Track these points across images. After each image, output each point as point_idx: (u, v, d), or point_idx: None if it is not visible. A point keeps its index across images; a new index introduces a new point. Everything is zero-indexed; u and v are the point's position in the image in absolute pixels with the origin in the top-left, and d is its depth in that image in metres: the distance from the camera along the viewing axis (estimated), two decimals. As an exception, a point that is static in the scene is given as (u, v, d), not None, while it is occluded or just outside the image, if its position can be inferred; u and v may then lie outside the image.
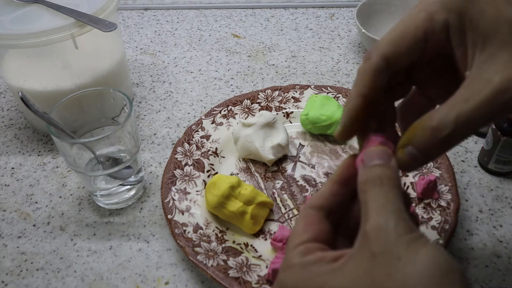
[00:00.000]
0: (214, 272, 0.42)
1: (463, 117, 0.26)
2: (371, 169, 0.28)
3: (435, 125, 0.26)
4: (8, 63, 0.58)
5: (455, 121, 0.26)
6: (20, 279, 0.46)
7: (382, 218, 0.25)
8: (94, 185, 0.51)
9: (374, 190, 0.27)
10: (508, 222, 0.49)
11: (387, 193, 0.27)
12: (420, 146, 0.27)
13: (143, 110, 0.65)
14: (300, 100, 0.61)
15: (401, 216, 0.26)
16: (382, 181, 0.27)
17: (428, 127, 0.27)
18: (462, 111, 0.26)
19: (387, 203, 0.26)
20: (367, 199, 0.27)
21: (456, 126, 0.26)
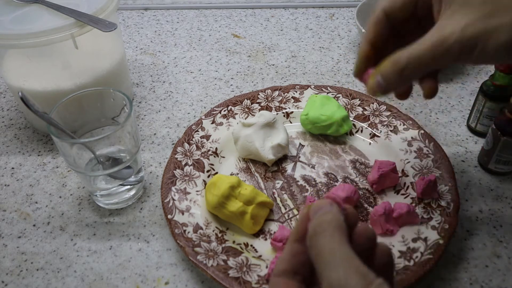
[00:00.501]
0: (214, 272, 0.42)
1: (413, 55, 0.34)
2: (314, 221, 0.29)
3: (394, 59, 0.35)
4: (8, 63, 0.58)
5: (407, 57, 0.35)
6: (20, 279, 0.46)
7: (334, 274, 0.26)
8: (94, 185, 0.51)
9: (320, 242, 0.27)
10: (508, 222, 0.49)
11: (331, 242, 0.27)
12: (383, 74, 0.36)
13: (143, 110, 0.65)
14: (300, 100, 0.61)
15: (352, 265, 0.26)
16: (325, 229, 0.28)
17: (391, 60, 0.36)
18: (414, 50, 0.34)
19: (334, 255, 0.27)
20: (316, 254, 0.27)
21: (407, 61, 0.35)
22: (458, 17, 0.33)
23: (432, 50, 0.34)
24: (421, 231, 0.45)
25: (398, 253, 0.44)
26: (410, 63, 0.35)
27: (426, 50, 0.34)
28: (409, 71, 0.35)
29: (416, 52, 0.34)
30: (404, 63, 0.35)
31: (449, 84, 0.68)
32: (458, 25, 0.33)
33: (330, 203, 0.30)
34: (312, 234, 0.28)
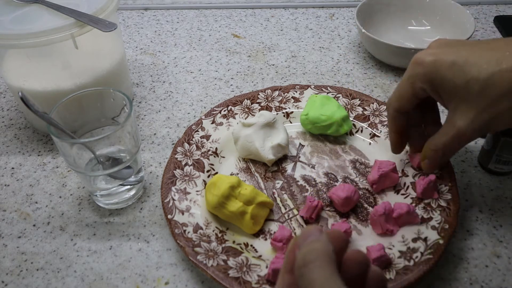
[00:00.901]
0: (214, 272, 0.42)
1: (446, 144, 0.44)
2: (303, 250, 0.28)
3: (434, 148, 0.45)
4: (8, 63, 0.58)
5: (443, 147, 0.44)
6: (20, 279, 0.46)
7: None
8: (94, 185, 0.51)
9: (309, 273, 0.27)
10: (508, 222, 0.49)
11: (321, 274, 0.26)
12: (430, 159, 0.46)
13: (143, 110, 0.65)
14: (300, 100, 0.61)
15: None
16: (315, 258, 0.27)
17: (431, 149, 0.46)
18: (445, 141, 0.44)
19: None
20: (305, 285, 0.27)
21: (444, 149, 0.44)
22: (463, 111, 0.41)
23: (457, 140, 0.43)
24: (421, 231, 0.45)
25: (398, 253, 0.44)
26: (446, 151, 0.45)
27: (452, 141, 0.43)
28: (447, 154, 0.45)
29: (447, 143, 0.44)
30: (441, 152, 0.45)
31: (449, 84, 0.68)
32: (466, 119, 0.41)
33: (319, 230, 0.29)
34: (301, 264, 0.27)
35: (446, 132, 0.43)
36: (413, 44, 0.74)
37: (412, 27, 0.77)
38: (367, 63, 0.72)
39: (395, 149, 0.50)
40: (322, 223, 0.48)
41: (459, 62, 0.41)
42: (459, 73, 0.40)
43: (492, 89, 0.39)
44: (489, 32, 0.79)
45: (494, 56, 0.40)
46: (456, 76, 0.41)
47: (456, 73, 0.41)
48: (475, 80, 0.40)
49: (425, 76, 0.43)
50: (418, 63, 0.43)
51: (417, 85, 0.44)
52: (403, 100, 0.46)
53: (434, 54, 0.42)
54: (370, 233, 0.47)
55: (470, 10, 0.84)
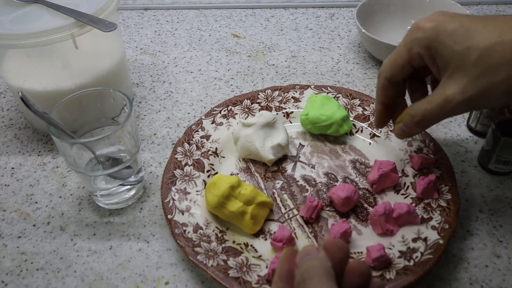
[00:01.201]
0: (214, 272, 0.42)
1: (426, 111, 0.42)
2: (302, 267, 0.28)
3: (412, 113, 0.44)
4: (8, 63, 0.58)
5: (422, 113, 0.42)
6: (20, 279, 0.46)
7: None
8: (94, 185, 0.51)
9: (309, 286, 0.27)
10: (508, 222, 0.49)
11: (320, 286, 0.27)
12: (405, 124, 0.45)
13: (143, 110, 0.65)
14: (300, 100, 0.61)
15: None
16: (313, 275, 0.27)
17: (409, 114, 0.44)
18: (426, 108, 0.42)
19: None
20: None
21: (422, 116, 0.42)
22: (455, 79, 0.39)
23: (439, 109, 0.41)
24: (421, 231, 0.45)
25: (398, 253, 0.44)
26: (423, 118, 0.43)
27: (435, 109, 0.41)
28: (423, 123, 0.44)
29: (427, 111, 0.42)
30: (418, 118, 0.43)
31: (449, 84, 0.68)
32: (457, 87, 0.39)
33: (316, 248, 0.29)
34: (300, 281, 0.28)
35: (431, 100, 0.42)
36: (413, 44, 0.74)
37: (412, 27, 0.77)
38: (367, 63, 0.72)
39: (380, 122, 0.49)
40: (322, 223, 0.48)
41: (460, 30, 0.39)
42: (459, 39, 0.39)
43: (491, 57, 0.38)
44: (489, 32, 0.79)
45: (497, 27, 0.38)
46: (456, 42, 0.39)
47: (457, 40, 0.39)
48: (475, 47, 0.38)
49: (424, 40, 0.41)
50: (417, 28, 0.42)
51: (415, 50, 0.42)
52: (397, 67, 0.44)
53: (435, 21, 0.41)
54: (370, 233, 0.47)
55: (470, 10, 0.84)
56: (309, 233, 0.47)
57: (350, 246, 0.46)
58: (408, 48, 0.43)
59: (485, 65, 0.38)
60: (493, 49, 0.38)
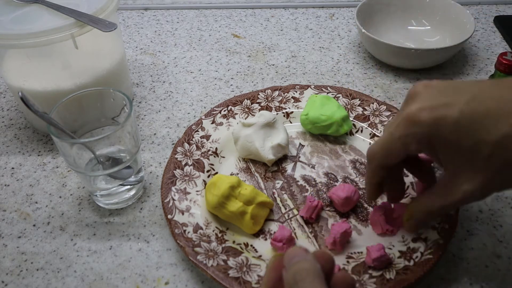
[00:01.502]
0: (214, 272, 0.42)
1: (443, 208, 0.40)
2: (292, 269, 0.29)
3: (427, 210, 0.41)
4: (8, 63, 0.58)
5: (438, 209, 0.40)
6: (20, 279, 0.46)
7: None
8: (94, 185, 0.51)
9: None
10: (508, 222, 0.49)
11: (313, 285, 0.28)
12: (419, 219, 0.43)
13: (143, 110, 0.65)
14: (300, 100, 0.61)
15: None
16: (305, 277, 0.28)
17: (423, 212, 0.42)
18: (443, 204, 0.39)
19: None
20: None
21: (439, 212, 0.41)
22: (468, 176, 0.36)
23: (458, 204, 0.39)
24: (421, 231, 0.45)
25: (398, 253, 0.44)
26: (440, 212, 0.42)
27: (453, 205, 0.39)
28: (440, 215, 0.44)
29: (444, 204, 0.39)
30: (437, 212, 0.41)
31: (449, 84, 0.68)
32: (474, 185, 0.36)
33: (304, 250, 0.30)
34: (292, 283, 0.28)
35: (445, 195, 0.38)
36: (413, 44, 0.74)
37: (412, 27, 0.77)
38: (367, 63, 0.72)
39: (372, 197, 0.46)
40: (322, 223, 0.48)
41: (463, 121, 0.35)
42: (464, 134, 0.35)
43: (504, 152, 0.34)
44: (489, 32, 0.79)
45: (502, 109, 0.34)
46: (461, 137, 0.35)
47: (461, 135, 0.35)
48: (484, 143, 0.34)
49: (423, 137, 0.37)
50: (413, 121, 0.37)
51: (412, 146, 0.38)
52: (391, 157, 0.41)
53: (431, 110, 0.36)
54: (370, 233, 0.47)
55: (470, 10, 0.84)
56: (309, 233, 0.47)
57: (350, 246, 0.46)
58: (404, 142, 0.39)
59: (499, 160, 0.34)
60: (504, 143, 0.34)
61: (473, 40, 0.77)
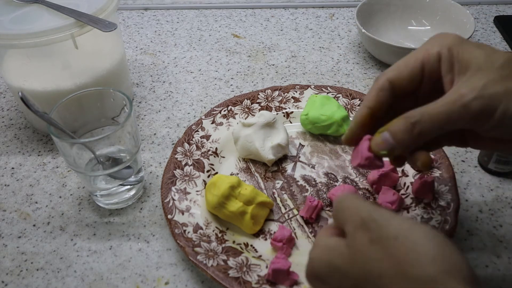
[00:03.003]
0: (214, 272, 0.42)
1: (428, 112, 0.33)
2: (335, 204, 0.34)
3: (406, 115, 0.33)
4: (8, 63, 0.58)
5: (421, 114, 0.33)
6: (20, 279, 0.46)
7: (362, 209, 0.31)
8: (94, 185, 0.51)
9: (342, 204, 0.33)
10: (508, 222, 0.49)
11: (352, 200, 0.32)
12: (392, 131, 0.34)
13: (143, 110, 0.65)
14: (300, 100, 0.61)
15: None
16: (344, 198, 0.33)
17: (402, 116, 0.34)
18: (428, 108, 0.33)
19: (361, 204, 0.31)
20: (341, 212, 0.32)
21: (421, 118, 0.33)
22: (476, 79, 0.33)
23: (448, 108, 0.32)
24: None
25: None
26: (423, 120, 0.33)
27: (442, 107, 0.33)
28: (421, 129, 0.33)
29: (430, 110, 0.33)
30: (416, 119, 0.33)
31: (449, 84, 0.68)
32: (477, 84, 0.32)
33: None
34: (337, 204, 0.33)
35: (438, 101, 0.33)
36: (413, 44, 0.74)
37: (412, 27, 0.77)
38: (367, 63, 0.72)
39: (354, 133, 0.38)
40: (322, 223, 0.48)
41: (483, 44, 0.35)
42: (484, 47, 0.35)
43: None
44: (489, 32, 0.79)
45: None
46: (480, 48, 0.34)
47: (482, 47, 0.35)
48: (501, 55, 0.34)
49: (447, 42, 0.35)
50: (440, 34, 0.37)
51: (434, 49, 0.35)
52: (406, 68, 0.36)
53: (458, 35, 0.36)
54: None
55: (470, 10, 0.84)
56: (309, 233, 0.47)
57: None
58: (426, 47, 0.36)
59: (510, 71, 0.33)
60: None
61: (473, 40, 0.77)
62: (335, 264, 0.30)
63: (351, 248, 0.30)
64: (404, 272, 0.27)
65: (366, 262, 0.28)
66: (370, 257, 0.28)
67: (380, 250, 0.28)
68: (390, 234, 0.28)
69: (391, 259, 0.27)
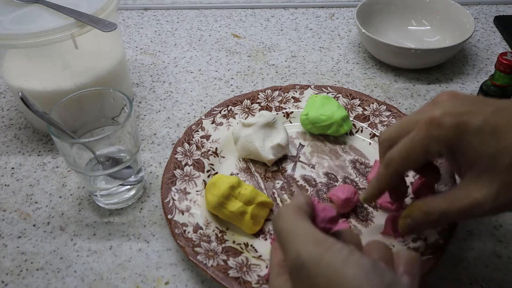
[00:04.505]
0: (214, 272, 0.42)
1: (445, 213, 0.37)
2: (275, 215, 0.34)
3: (427, 211, 0.38)
4: (8, 63, 0.58)
5: (440, 214, 0.37)
6: (20, 279, 0.46)
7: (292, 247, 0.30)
8: (94, 185, 0.51)
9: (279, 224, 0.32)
10: (508, 222, 0.49)
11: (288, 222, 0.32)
12: (415, 220, 0.39)
13: (143, 110, 0.65)
14: (300, 100, 0.61)
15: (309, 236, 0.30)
16: (283, 212, 0.33)
17: (423, 211, 0.38)
18: (446, 209, 0.37)
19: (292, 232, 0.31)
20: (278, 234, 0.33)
21: (439, 216, 0.37)
22: (484, 182, 0.35)
23: (464, 212, 0.36)
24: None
25: (398, 253, 0.44)
26: (440, 218, 0.38)
27: (457, 212, 0.36)
28: (437, 222, 0.39)
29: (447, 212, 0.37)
30: (434, 218, 0.38)
31: (449, 84, 0.68)
32: (488, 192, 0.35)
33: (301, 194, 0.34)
34: (274, 225, 0.33)
35: (453, 200, 0.37)
36: (413, 44, 0.74)
37: (412, 27, 0.77)
38: (367, 63, 0.72)
39: (372, 201, 0.44)
40: (322, 223, 0.48)
41: (486, 129, 0.35)
42: (487, 141, 0.35)
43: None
44: (489, 32, 0.79)
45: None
46: (483, 143, 0.35)
47: (484, 141, 0.35)
48: (506, 152, 0.34)
49: (445, 140, 0.36)
50: (436, 124, 0.36)
51: (433, 149, 0.37)
52: (410, 162, 0.39)
53: (455, 116, 0.36)
54: (370, 233, 0.47)
55: (470, 10, 0.84)
56: (309, 233, 0.47)
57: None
58: (424, 145, 0.38)
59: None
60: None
61: (473, 40, 0.77)
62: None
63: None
64: None
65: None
66: None
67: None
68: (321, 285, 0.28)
69: None
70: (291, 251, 0.30)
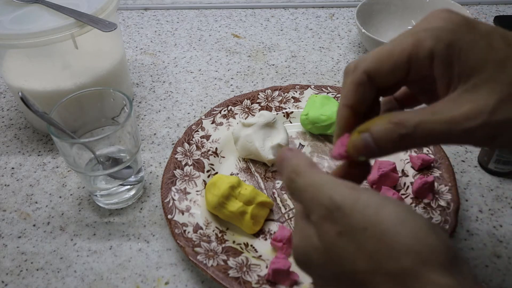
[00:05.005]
0: (214, 272, 0.42)
1: (424, 124, 0.27)
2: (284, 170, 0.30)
3: (397, 121, 0.28)
4: (8, 63, 0.58)
5: (415, 125, 0.27)
6: (20, 279, 0.46)
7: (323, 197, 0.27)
8: (94, 185, 0.51)
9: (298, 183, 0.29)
10: (508, 222, 0.49)
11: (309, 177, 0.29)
12: (376, 134, 0.28)
13: (143, 110, 0.65)
14: (300, 100, 0.61)
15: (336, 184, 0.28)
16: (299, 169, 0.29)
17: (391, 121, 0.28)
18: (426, 119, 0.27)
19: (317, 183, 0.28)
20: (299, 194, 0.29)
21: (414, 129, 0.27)
22: (483, 96, 0.27)
23: (448, 128, 0.27)
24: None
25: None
26: (418, 132, 0.27)
27: (440, 126, 0.27)
28: (411, 140, 0.28)
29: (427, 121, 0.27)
30: (410, 129, 0.27)
31: (449, 84, 0.68)
32: (485, 104, 0.27)
33: (289, 149, 0.31)
34: (290, 184, 0.29)
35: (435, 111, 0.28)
36: (413, 44, 0.74)
37: (412, 27, 0.77)
38: (367, 63, 0.72)
39: (340, 135, 0.32)
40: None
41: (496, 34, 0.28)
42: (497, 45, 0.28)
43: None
44: (489, 32, 0.79)
45: None
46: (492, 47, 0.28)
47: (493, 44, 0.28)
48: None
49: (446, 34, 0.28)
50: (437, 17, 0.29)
51: (427, 44, 0.29)
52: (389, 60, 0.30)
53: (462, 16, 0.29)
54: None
55: (470, 10, 0.84)
56: (309, 233, 0.47)
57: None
58: (416, 38, 0.29)
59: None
60: None
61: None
62: (311, 257, 0.28)
63: (322, 241, 0.27)
64: (378, 267, 0.25)
65: (339, 257, 0.27)
66: (341, 253, 0.26)
67: (350, 244, 0.26)
68: (358, 225, 0.26)
69: (363, 254, 0.25)
70: (322, 200, 0.27)
